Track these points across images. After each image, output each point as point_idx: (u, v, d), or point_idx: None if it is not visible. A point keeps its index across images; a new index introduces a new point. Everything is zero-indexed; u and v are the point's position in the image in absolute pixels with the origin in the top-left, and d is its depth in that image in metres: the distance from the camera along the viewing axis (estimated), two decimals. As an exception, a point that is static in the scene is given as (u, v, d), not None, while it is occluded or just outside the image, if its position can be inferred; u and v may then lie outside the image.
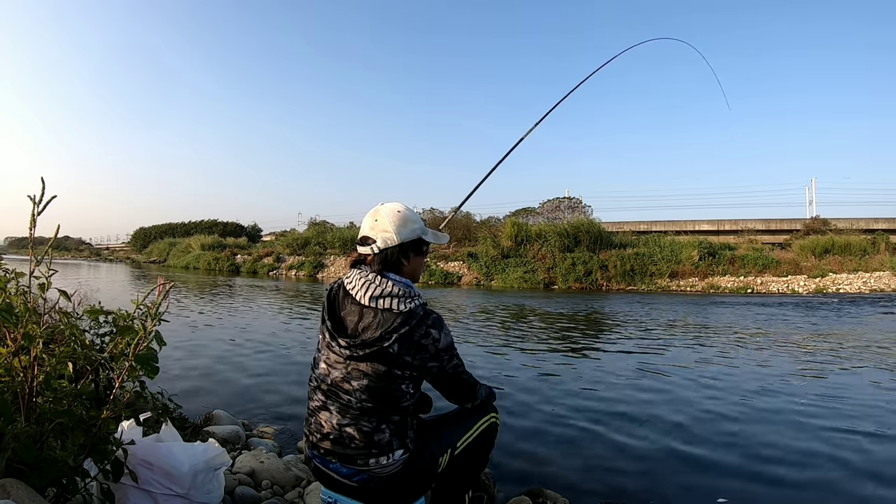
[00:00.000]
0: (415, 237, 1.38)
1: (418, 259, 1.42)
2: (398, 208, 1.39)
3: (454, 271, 18.53)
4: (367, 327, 1.30)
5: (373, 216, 1.38)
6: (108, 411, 1.21)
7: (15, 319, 1.17)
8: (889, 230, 21.19)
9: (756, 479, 2.37)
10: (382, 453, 1.31)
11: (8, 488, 1.03)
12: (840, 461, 2.58)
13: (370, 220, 1.38)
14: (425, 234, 1.42)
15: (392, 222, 1.35)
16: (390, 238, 1.34)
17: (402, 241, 1.35)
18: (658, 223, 26.34)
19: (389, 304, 1.29)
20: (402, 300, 1.30)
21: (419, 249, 1.42)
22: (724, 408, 3.45)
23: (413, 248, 1.39)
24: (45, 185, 1.22)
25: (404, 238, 1.35)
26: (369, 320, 1.31)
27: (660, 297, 13.39)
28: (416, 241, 1.39)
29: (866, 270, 15.27)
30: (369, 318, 1.31)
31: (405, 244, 1.36)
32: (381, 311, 1.30)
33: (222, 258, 26.90)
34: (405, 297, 1.31)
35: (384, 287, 1.31)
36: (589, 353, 5.54)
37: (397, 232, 1.35)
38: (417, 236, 1.39)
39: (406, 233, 1.36)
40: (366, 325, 1.31)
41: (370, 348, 1.27)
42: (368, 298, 1.31)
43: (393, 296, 1.30)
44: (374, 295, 1.31)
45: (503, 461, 2.48)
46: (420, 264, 1.45)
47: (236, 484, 1.96)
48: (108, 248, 64.15)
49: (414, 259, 1.40)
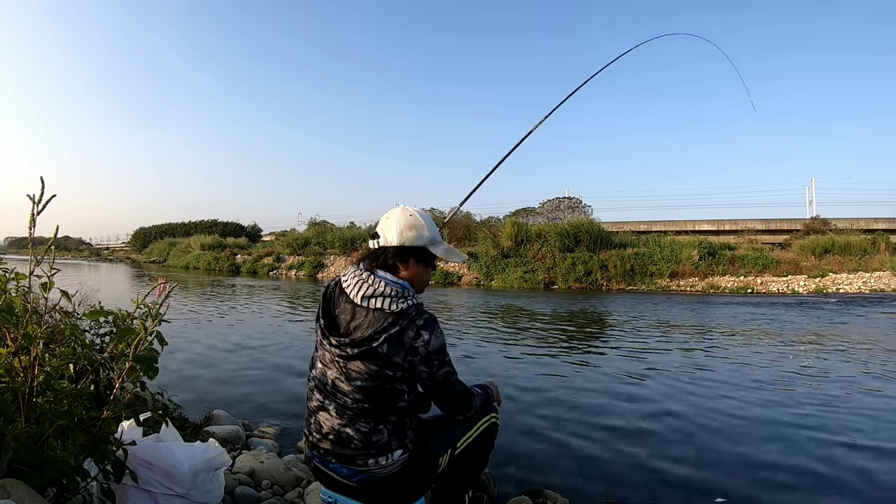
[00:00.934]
0: (419, 244, 1.36)
1: (420, 267, 1.39)
2: (411, 212, 1.39)
3: (454, 271, 18.52)
4: (358, 326, 1.30)
5: (387, 215, 1.40)
6: (109, 411, 1.21)
7: (15, 320, 1.17)
8: (889, 230, 21.18)
9: (754, 478, 2.37)
10: (381, 453, 1.31)
11: (8, 488, 1.03)
12: (839, 460, 2.58)
13: (384, 217, 1.41)
14: (433, 246, 1.39)
15: (399, 223, 1.36)
16: (392, 238, 1.35)
17: (401, 243, 1.35)
18: (658, 223, 26.33)
19: (380, 304, 1.29)
20: (394, 300, 1.29)
21: (423, 258, 1.39)
22: (724, 408, 3.45)
23: (415, 255, 1.37)
24: (44, 185, 1.21)
25: (405, 241, 1.35)
26: (360, 319, 1.31)
27: (660, 297, 13.39)
28: (419, 248, 1.37)
29: (866, 270, 15.27)
30: (361, 317, 1.31)
31: (406, 248, 1.36)
32: (373, 311, 1.30)
33: (222, 258, 26.90)
34: (397, 297, 1.30)
35: (377, 287, 1.31)
36: (589, 354, 5.54)
37: (400, 233, 1.35)
38: (422, 244, 1.37)
39: (409, 237, 1.35)
40: (357, 325, 1.31)
41: (359, 348, 1.27)
42: (360, 297, 1.31)
43: (385, 296, 1.30)
44: (366, 294, 1.31)
45: (503, 461, 2.48)
46: (422, 273, 1.40)
47: (236, 484, 1.96)
48: (108, 248, 64.14)
49: (414, 266, 1.38)
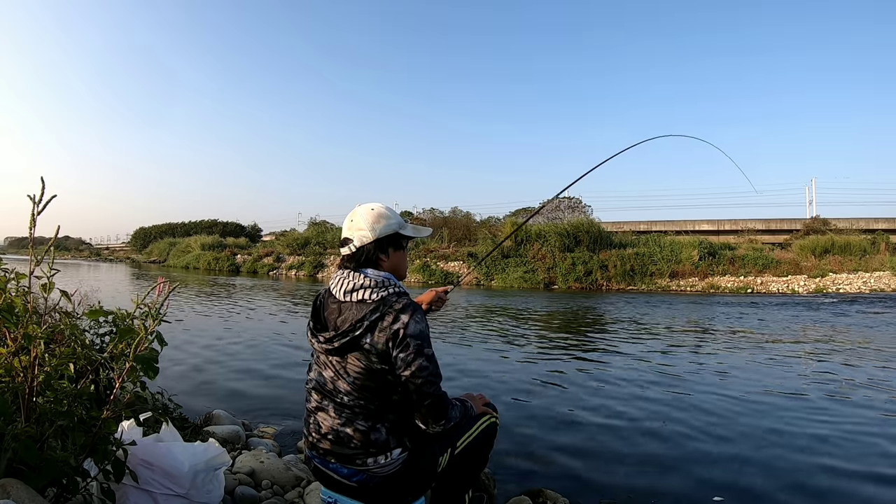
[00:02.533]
0: (391, 232, 1.40)
1: (399, 254, 1.43)
2: (372, 206, 1.42)
3: (454, 271, 18.52)
4: (344, 320, 1.33)
5: (349, 217, 1.42)
6: (109, 411, 1.21)
7: (15, 320, 1.17)
8: (889, 230, 21.18)
9: (752, 478, 2.38)
10: (380, 453, 1.31)
11: (8, 488, 1.03)
12: (838, 461, 2.58)
13: (347, 221, 1.42)
14: (403, 228, 1.43)
15: (366, 220, 1.38)
16: (365, 235, 1.37)
17: (377, 237, 1.37)
18: (658, 223, 26.34)
19: (362, 296, 1.32)
20: (375, 290, 1.32)
21: (398, 244, 1.43)
22: (724, 408, 3.45)
23: (391, 243, 1.41)
24: (44, 185, 1.21)
25: (379, 234, 1.38)
26: (346, 314, 1.34)
27: (660, 296, 13.39)
28: (392, 235, 1.41)
29: (866, 270, 15.27)
30: (346, 311, 1.34)
31: (381, 240, 1.38)
32: (356, 304, 1.33)
33: (222, 258, 26.92)
34: (378, 286, 1.32)
35: (356, 280, 1.34)
36: (589, 354, 5.54)
37: (371, 229, 1.37)
38: (394, 230, 1.40)
39: (381, 228, 1.38)
40: (343, 319, 1.34)
41: (343, 338, 1.29)
42: (343, 293, 1.35)
43: (365, 287, 1.32)
44: (348, 289, 1.34)
45: (503, 461, 2.48)
46: (402, 259, 1.45)
47: (236, 484, 1.96)
48: (108, 248, 64.14)
49: (394, 254, 1.42)
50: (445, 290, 1.94)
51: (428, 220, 23.11)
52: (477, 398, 1.62)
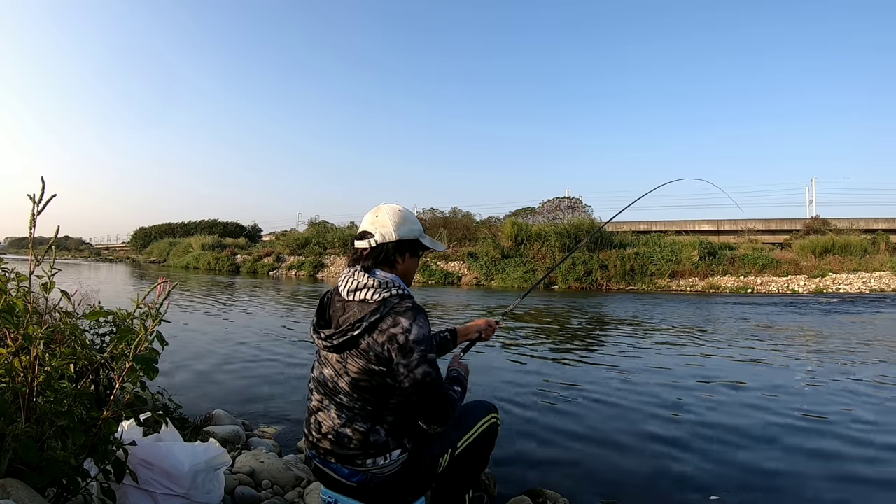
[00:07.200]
0: (412, 237, 1.41)
1: (413, 261, 1.44)
2: (399, 208, 1.44)
3: (454, 271, 18.51)
4: (346, 319, 1.33)
5: (374, 213, 1.43)
6: (109, 411, 1.21)
7: (16, 320, 1.17)
8: (889, 230, 21.17)
9: (749, 477, 2.38)
10: (379, 453, 1.32)
11: (8, 488, 1.03)
12: (836, 460, 2.58)
13: (371, 216, 1.42)
14: (423, 238, 1.45)
15: (392, 219, 1.39)
16: (389, 234, 1.37)
17: (399, 238, 1.38)
18: (658, 223, 26.32)
19: (365, 295, 1.31)
20: (378, 290, 1.31)
21: (415, 251, 1.44)
22: (723, 408, 3.45)
23: (409, 249, 1.42)
24: (44, 185, 1.22)
25: (402, 236, 1.39)
26: (349, 312, 1.34)
27: (660, 296, 13.39)
28: (412, 241, 1.42)
29: (866, 270, 15.27)
30: (349, 310, 1.34)
31: (402, 242, 1.39)
32: (358, 303, 1.33)
33: (222, 258, 26.89)
34: (382, 287, 1.32)
35: (360, 280, 1.34)
36: (589, 354, 5.54)
37: (396, 229, 1.38)
38: (415, 237, 1.42)
39: (405, 231, 1.39)
40: (346, 318, 1.33)
41: (342, 337, 1.29)
42: (347, 291, 1.35)
43: (369, 287, 1.32)
44: (352, 288, 1.34)
45: (503, 461, 2.48)
46: (413, 267, 1.46)
47: (236, 484, 1.96)
48: (108, 248, 64.13)
49: (409, 259, 1.43)
50: (496, 321, 1.94)
51: (428, 220, 23.06)
52: (454, 357, 1.68)
